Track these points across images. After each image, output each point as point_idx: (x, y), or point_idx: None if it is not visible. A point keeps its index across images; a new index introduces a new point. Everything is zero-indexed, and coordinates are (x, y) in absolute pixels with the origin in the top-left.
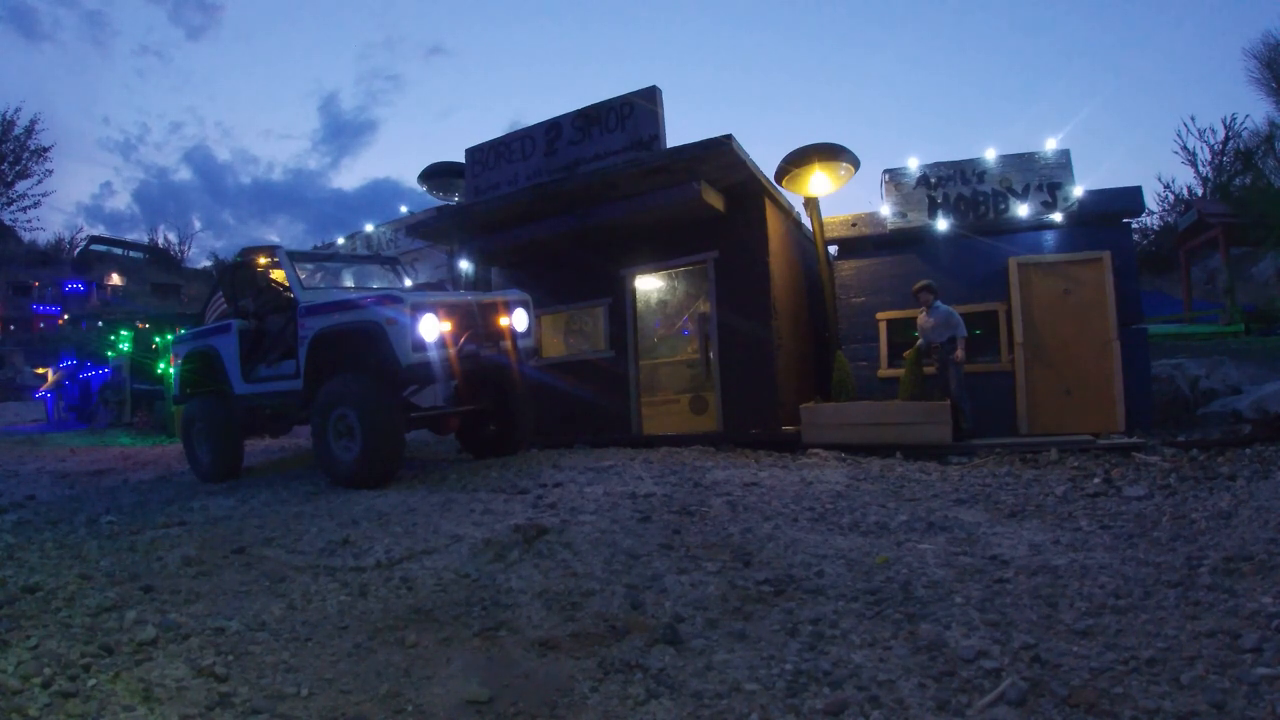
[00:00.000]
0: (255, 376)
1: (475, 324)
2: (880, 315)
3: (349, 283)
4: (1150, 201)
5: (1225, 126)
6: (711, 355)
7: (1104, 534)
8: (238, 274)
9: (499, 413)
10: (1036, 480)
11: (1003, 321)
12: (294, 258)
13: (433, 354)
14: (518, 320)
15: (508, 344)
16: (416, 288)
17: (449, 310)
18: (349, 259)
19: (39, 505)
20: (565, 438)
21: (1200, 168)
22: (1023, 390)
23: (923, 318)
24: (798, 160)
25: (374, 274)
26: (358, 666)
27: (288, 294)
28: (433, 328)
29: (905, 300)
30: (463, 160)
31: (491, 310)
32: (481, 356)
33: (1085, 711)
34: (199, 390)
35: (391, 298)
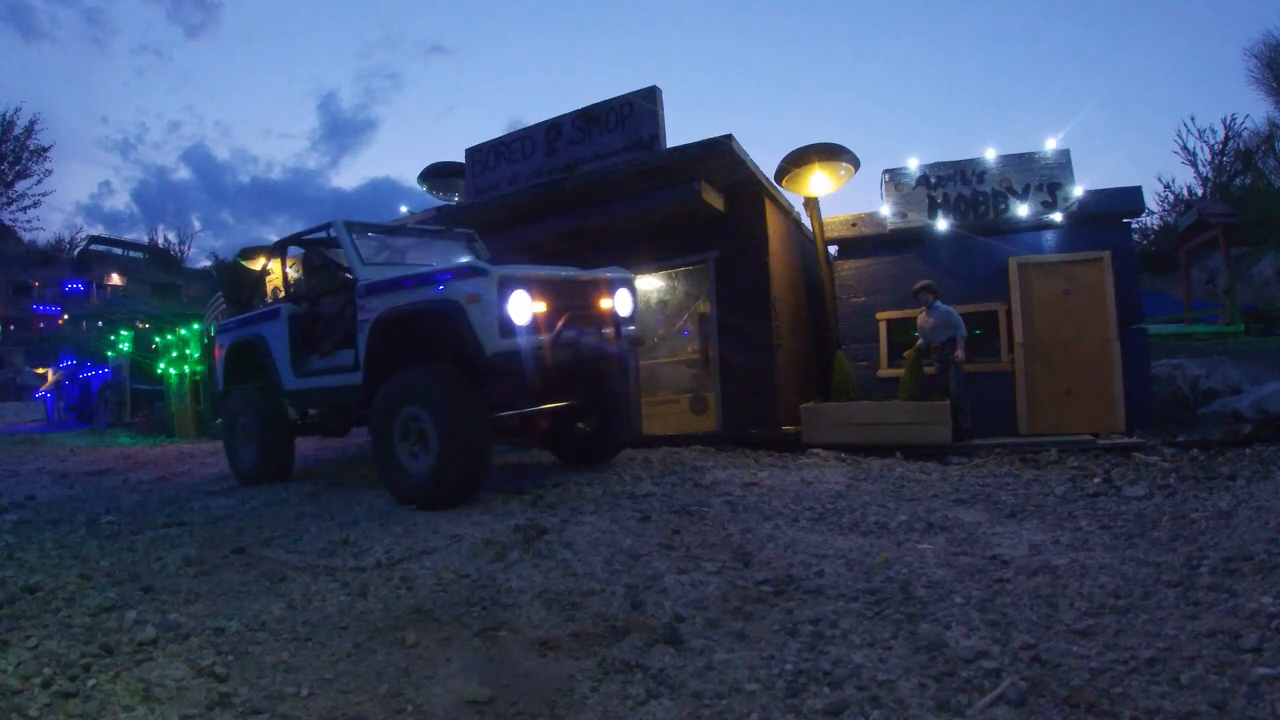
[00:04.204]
0: (307, 369)
1: (574, 305)
2: (880, 315)
3: (411, 260)
4: (1150, 201)
5: (1225, 126)
6: (711, 355)
7: (1104, 534)
8: (284, 255)
9: (593, 411)
10: (1036, 480)
11: (1003, 321)
12: (352, 229)
13: (524, 340)
14: (621, 303)
15: (611, 330)
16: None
17: (543, 287)
18: (416, 231)
19: (39, 505)
20: None
21: (1200, 168)
22: (1023, 390)
23: (923, 318)
24: (798, 160)
25: (446, 250)
26: (358, 666)
27: (345, 273)
28: (524, 307)
29: (905, 300)
30: (463, 160)
31: (592, 289)
32: (581, 345)
33: (1085, 711)
34: (244, 383)
35: (474, 269)
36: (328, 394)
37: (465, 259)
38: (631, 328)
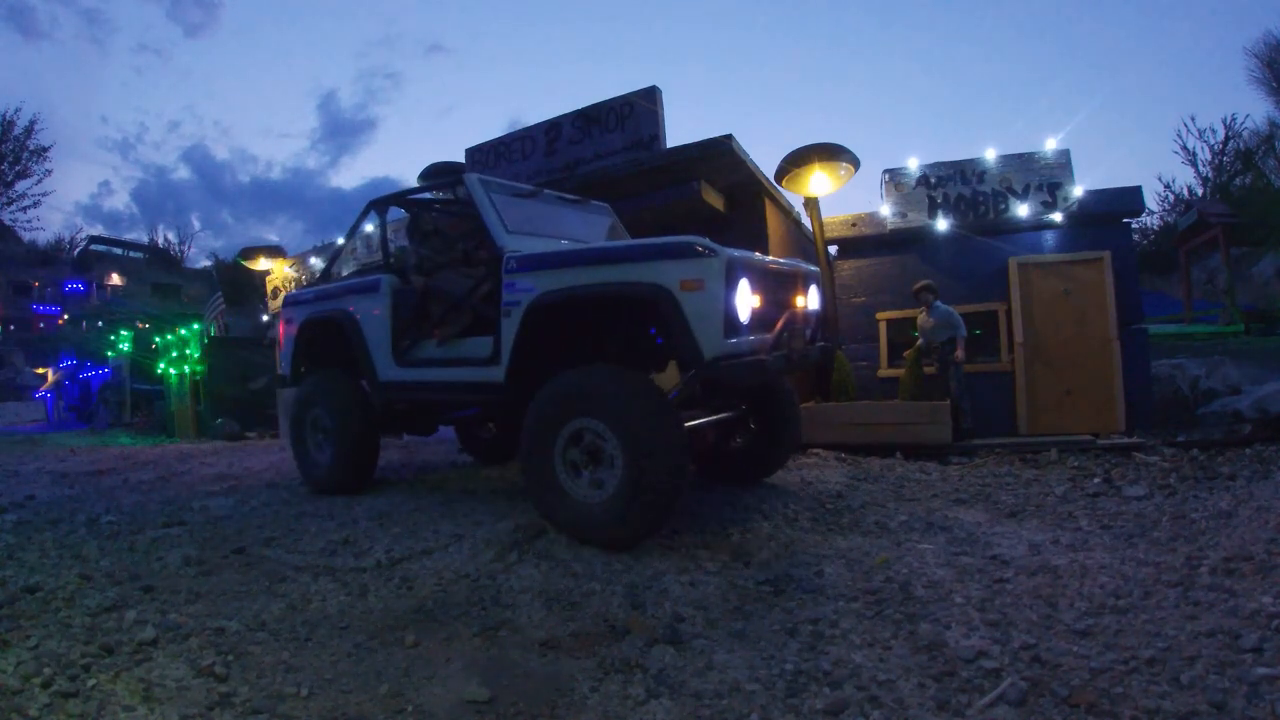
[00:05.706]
0: (415, 357)
1: (786, 301)
2: (880, 315)
3: (552, 231)
4: (1150, 201)
5: (1225, 126)
6: None
7: (1104, 534)
8: (385, 212)
9: (759, 420)
10: (1036, 480)
11: (1003, 321)
12: (489, 188)
13: (747, 343)
14: (814, 302)
15: (812, 333)
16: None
17: (766, 278)
18: (554, 198)
19: (39, 505)
20: None
21: (1200, 168)
22: (1023, 390)
23: (923, 318)
24: (798, 160)
25: (587, 223)
26: (358, 666)
27: (469, 242)
28: (749, 300)
29: (905, 300)
30: (463, 160)
31: (795, 284)
32: (793, 351)
33: (1085, 711)
34: (317, 369)
35: (692, 247)
36: (446, 390)
37: (624, 238)
38: (816, 331)
